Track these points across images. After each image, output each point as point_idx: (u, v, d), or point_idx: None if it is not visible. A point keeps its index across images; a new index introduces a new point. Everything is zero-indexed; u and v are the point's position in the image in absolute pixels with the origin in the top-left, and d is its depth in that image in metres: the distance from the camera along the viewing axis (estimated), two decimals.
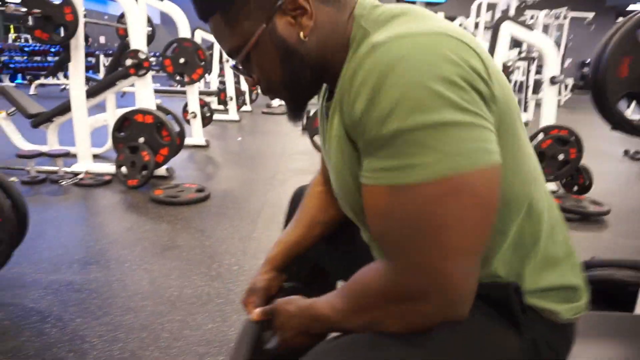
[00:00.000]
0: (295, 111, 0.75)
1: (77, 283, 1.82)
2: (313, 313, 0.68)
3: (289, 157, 4.36)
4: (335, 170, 0.70)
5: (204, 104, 5.25)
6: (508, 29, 3.57)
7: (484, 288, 0.61)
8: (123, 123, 3.18)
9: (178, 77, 4.52)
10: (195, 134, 4.70)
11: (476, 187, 0.52)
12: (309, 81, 0.68)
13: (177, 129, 3.45)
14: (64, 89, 8.85)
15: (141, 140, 3.13)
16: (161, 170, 3.41)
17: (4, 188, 1.55)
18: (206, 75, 5.52)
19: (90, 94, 3.52)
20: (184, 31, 4.58)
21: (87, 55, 5.21)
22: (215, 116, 5.87)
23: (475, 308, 0.58)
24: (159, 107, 3.63)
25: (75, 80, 3.36)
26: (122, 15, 4.37)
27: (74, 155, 3.54)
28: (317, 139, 3.98)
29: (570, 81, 10.89)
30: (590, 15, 8.77)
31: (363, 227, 0.77)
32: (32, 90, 8.77)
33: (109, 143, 3.88)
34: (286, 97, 0.72)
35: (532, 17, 8.53)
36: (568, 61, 12.98)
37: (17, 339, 1.45)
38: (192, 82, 4.51)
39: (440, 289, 0.54)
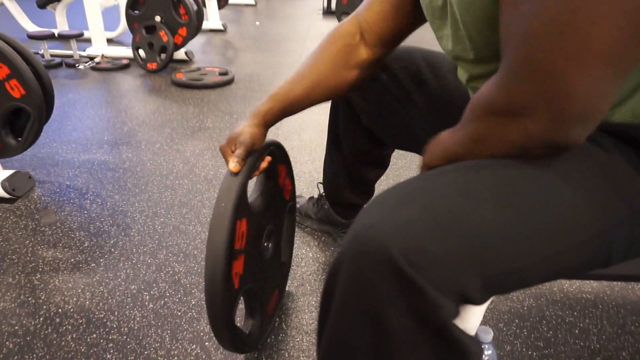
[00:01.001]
0: None
1: (111, 162, 1.78)
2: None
3: (312, 41, 4.08)
4: None
5: None
6: None
7: (622, 128, 0.51)
8: (136, 0, 2.92)
9: None
10: (212, 17, 4.38)
11: None
12: None
13: (194, 7, 3.18)
14: None
15: (158, 19, 2.90)
16: (180, 54, 3.22)
17: (26, 59, 1.42)
18: None
19: None
20: None
21: None
22: (230, 0, 5.45)
23: (611, 146, 0.47)
24: None
25: None
26: None
27: (87, 40, 3.34)
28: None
29: None
30: None
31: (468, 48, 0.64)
32: None
33: (121, 26, 3.64)
34: None
35: None
36: None
37: (59, 213, 1.44)
38: None
39: (554, 98, 0.43)
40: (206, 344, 0.99)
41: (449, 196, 0.46)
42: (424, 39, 1.54)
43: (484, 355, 0.82)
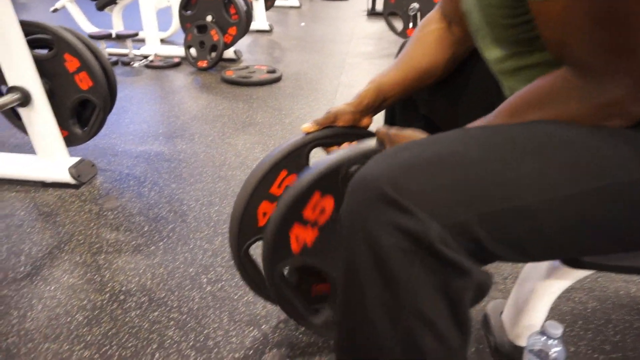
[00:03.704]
0: None
1: (166, 154, 1.84)
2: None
3: (357, 42, 4.08)
4: None
5: None
6: None
7: None
8: (189, 0, 3.02)
9: None
10: (258, 17, 4.47)
11: None
12: None
13: (244, 7, 3.25)
14: None
15: (209, 18, 2.99)
16: (229, 53, 3.30)
17: (94, 53, 1.50)
18: None
19: None
20: None
21: None
22: (275, 2, 5.53)
23: None
24: None
25: None
26: None
27: (141, 40, 3.48)
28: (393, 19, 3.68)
29: None
30: None
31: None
32: None
33: (173, 27, 3.77)
34: None
35: None
36: None
37: (120, 199, 1.51)
38: None
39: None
40: (263, 326, 1.01)
41: (442, 142, 0.50)
42: None
43: (552, 351, 0.80)
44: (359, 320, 0.51)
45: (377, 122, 0.84)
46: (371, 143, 0.76)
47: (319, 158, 0.75)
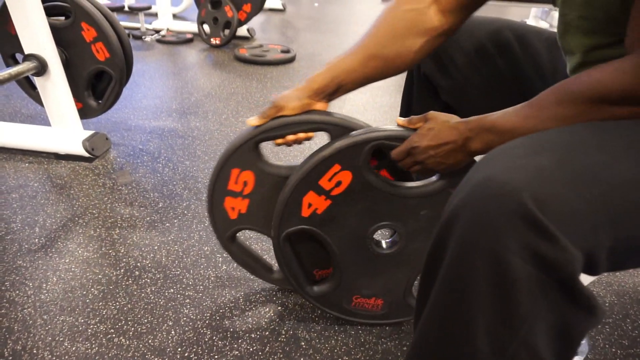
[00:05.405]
0: None
1: (180, 130, 1.82)
2: (490, 125, 0.62)
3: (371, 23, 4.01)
4: None
5: None
6: None
7: None
8: None
9: None
10: None
11: None
12: None
13: None
14: None
15: None
16: (242, 30, 3.25)
17: (111, 23, 1.47)
18: None
19: None
20: None
21: None
22: None
23: None
24: None
25: None
26: None
27: (153, 15, 3.43)
28: None
29: None
30: None
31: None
32: None
33: (186, 2, 3.71)
34: None
35: None
36: None
37: (134, 174, 1.49)
38: None
39: None
40: (279, 308, 1.00)
41: (584, 149, 0.43)
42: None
43: None
44: (455, 340, 0.46)
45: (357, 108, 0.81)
46: (400, 129, 0.74)
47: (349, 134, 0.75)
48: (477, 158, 0.59)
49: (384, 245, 0.86)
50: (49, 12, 1.42)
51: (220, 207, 0.89)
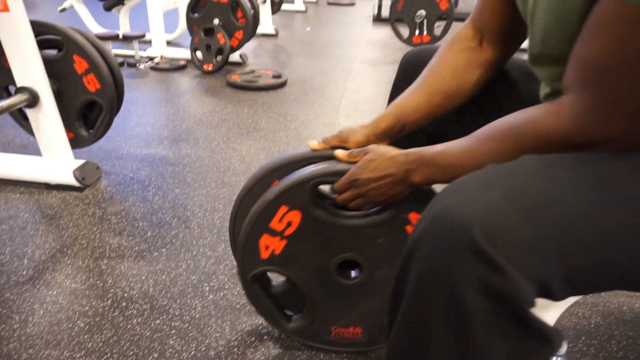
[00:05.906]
0: None
1: (171, 157, 1.84)
2: (430, 159, 0.63)
3: (364, 48, 4.09)
4: None
5: None
6: None
7: None
8: (197, 3, 3.03)
9: None
10: (264, 21, 4.47)
11: None
12: None
13: (251, 11, 3.26)
14: None
15: (216, 21, 2.99)
16: (234, 56, 3.31)
17: (102, 54, 1.50)
18: None
19: None
20: None
21: None
22: (281, 6, 5.54)
23: None
24: None
25: None
26: None
27: (147, 42, 3.49)
28: (399, 25, 3.68)
29: None
30: None
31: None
32: None
33: (180, 29, 3.78)
34: None
35: None
36: None
37: (124, 203, 1.50)
38: None
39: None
40: (264, 337, 1.00)
41: (535, 182, 0.45)
42: None
43: None
44: None
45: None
46: (339, 164, 0.76)
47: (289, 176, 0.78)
48: (438, 187, 0.60)
49: (349, 276, 0.87)
50: (42, 45, 1.45)
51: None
